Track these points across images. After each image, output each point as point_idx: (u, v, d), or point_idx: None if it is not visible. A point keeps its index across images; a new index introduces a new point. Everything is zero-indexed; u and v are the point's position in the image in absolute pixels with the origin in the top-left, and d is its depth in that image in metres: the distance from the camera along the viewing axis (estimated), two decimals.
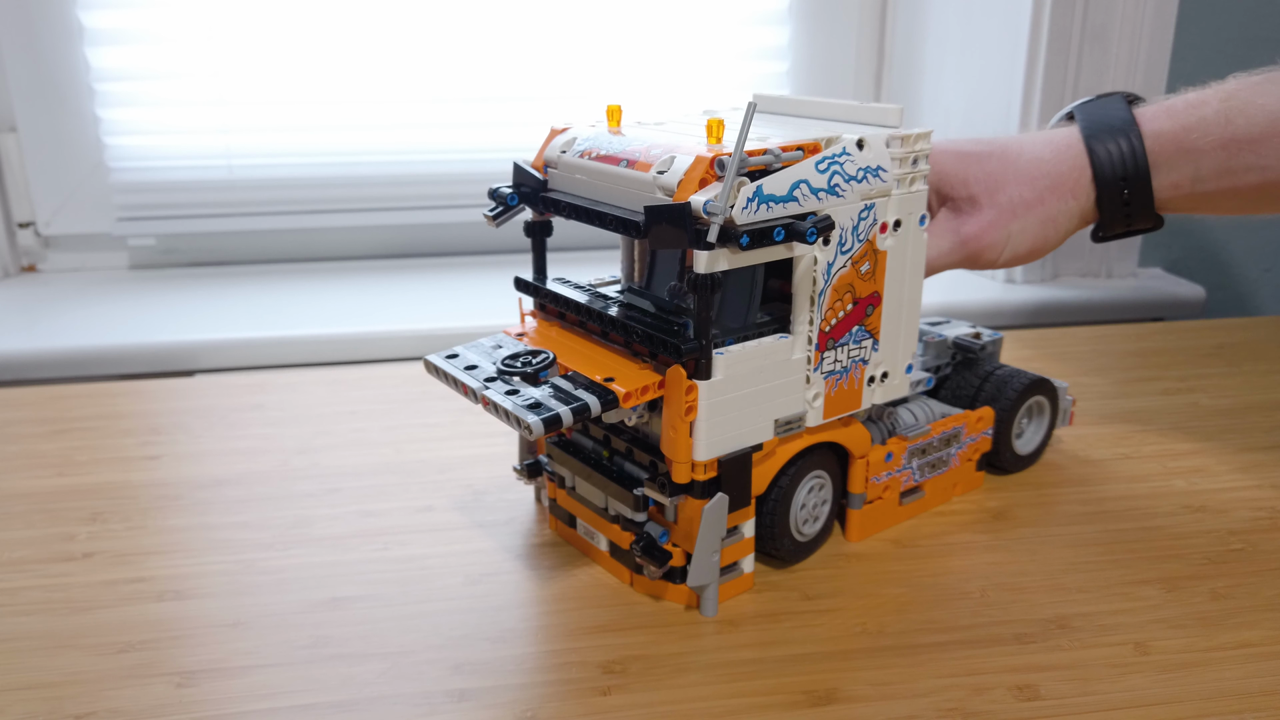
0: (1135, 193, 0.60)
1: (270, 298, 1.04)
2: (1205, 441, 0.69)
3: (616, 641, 0.48)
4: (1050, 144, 0.62)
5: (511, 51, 1.10)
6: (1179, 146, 0.60)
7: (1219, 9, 1.10)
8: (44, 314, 0.99)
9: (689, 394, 0.46)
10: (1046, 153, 0.62)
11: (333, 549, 0.56)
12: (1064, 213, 0.62)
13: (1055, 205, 0.61)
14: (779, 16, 1.15)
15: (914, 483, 0.58)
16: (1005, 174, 0.61)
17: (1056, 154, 0.61)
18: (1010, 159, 0.62)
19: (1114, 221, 0.62)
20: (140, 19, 1.04)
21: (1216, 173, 0.60)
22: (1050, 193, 0.61)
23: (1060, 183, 0.61)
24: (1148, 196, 0.61)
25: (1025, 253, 0.62)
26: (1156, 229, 0.63)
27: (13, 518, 0.60)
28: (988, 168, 0.62)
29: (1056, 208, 0.61)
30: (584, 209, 0.49)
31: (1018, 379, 0.63)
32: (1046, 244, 0.62)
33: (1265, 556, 0.55)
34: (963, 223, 0.62)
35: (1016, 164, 0.61)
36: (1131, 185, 0.60)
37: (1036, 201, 0.61)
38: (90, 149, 1.08)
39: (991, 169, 0.61)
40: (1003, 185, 0.61)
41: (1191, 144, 0.59)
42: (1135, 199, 0.61)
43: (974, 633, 0.48)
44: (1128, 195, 0.60)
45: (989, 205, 0.61)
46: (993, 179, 0.61)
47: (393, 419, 0.74)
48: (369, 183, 1.12)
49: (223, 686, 0.45)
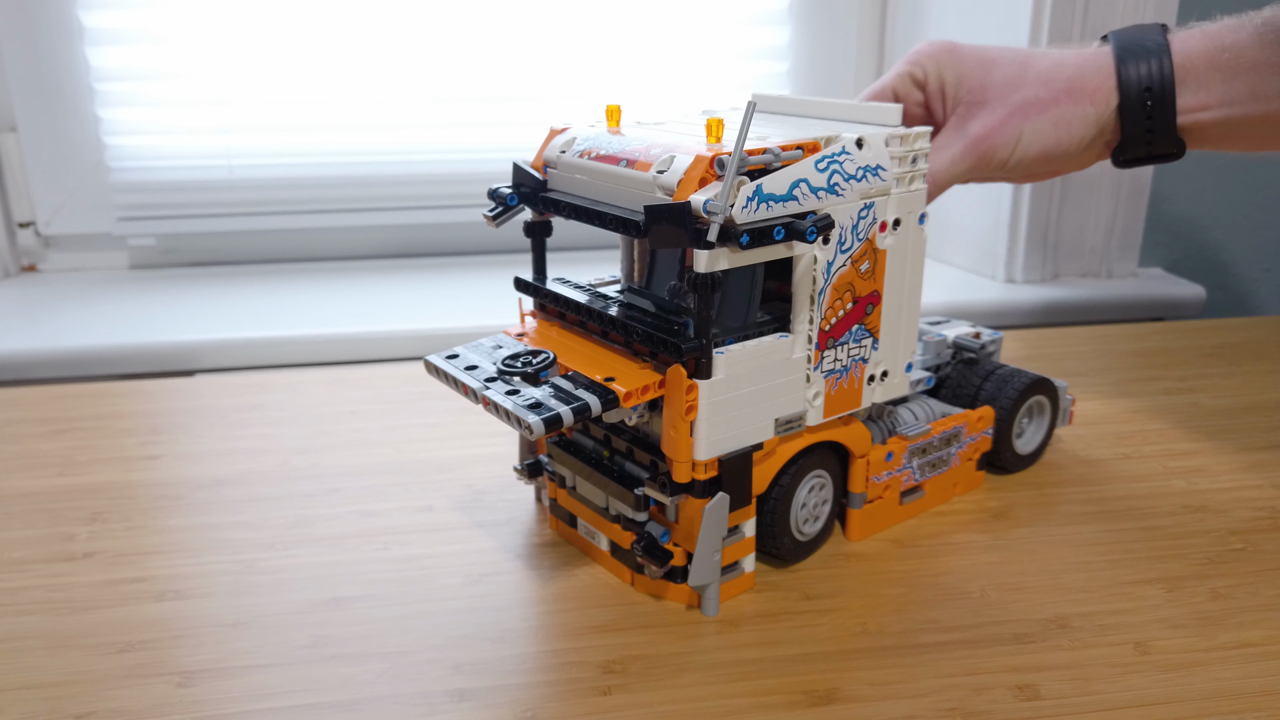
0: (1159, 106, 0.58)
1: (270, 298, 1.04)
2: (1205, 441, 0.69)
3: (617, 641, 0.48)
4: (1077, 54, 0.60)
5: (511, 51, 1.10)
6: (1210, 64, 0.57)
7: (1219, 9, 1.10)
8: (44, 314, 0.99)
9: (689, 393, 0.46)
10: (1070, 59, 0.60)
11: (333, 549, 0.56)
12: (1079, 117, 0.59)
13: (1071, 108, 0.59)
14: (779, 16, 1.15)
15: (914, 482, 0.58)
16: (1023, 76, 0.59)
17: (1081, 61, 0.59)
18: (1030, 63, 0.60)
19: (1135, 140, 0.60)
20: (140, 19, 1.04)
21: (1247, 95, 0.57)
22: (1066, 95, 0.59)
23: (1079, 86, 0.59)
24: (1171, 113, 0.58)
25: (1036, 154, 0.60)
26: (1178, 157, 0.60)
27: (13, 517, 0.60)
28: (1007, 72, 0.60)
29: (1072, 111, 0.59)
30: (584, 209, 0.49)
31: (1018, 379, 0.63)
32: (1059, 147, 0.60)
33: (1265, 556, 0.55)
34: (971, 123, 0.60)
35: (1036, 66, 0.59)
36: (1156, 97, 0.58)
37: (1051, 101, 0.59)
38: (90, 149, 1.08)
39: (1010, 73, 0.59)
40: (1018, 86, 0.59)
41: (1224, 63, 0.57)
42: (1158, 113, 0.58)
43: (974, 633, 0.48)
44: (1150, 107, 0.58)
45: (1001, 105, 0.59)
46: (1009, 81, 0.59)
47: (393, 419, 0.74)
48: (369, 183, 1.12)
49: (223, 686, 0.45)
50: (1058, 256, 1.08)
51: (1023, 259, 1.07)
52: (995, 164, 0.60)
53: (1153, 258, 1.17)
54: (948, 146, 0.60)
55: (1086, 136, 0.60)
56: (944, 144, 0.60)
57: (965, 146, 0.59)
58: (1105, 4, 0.97)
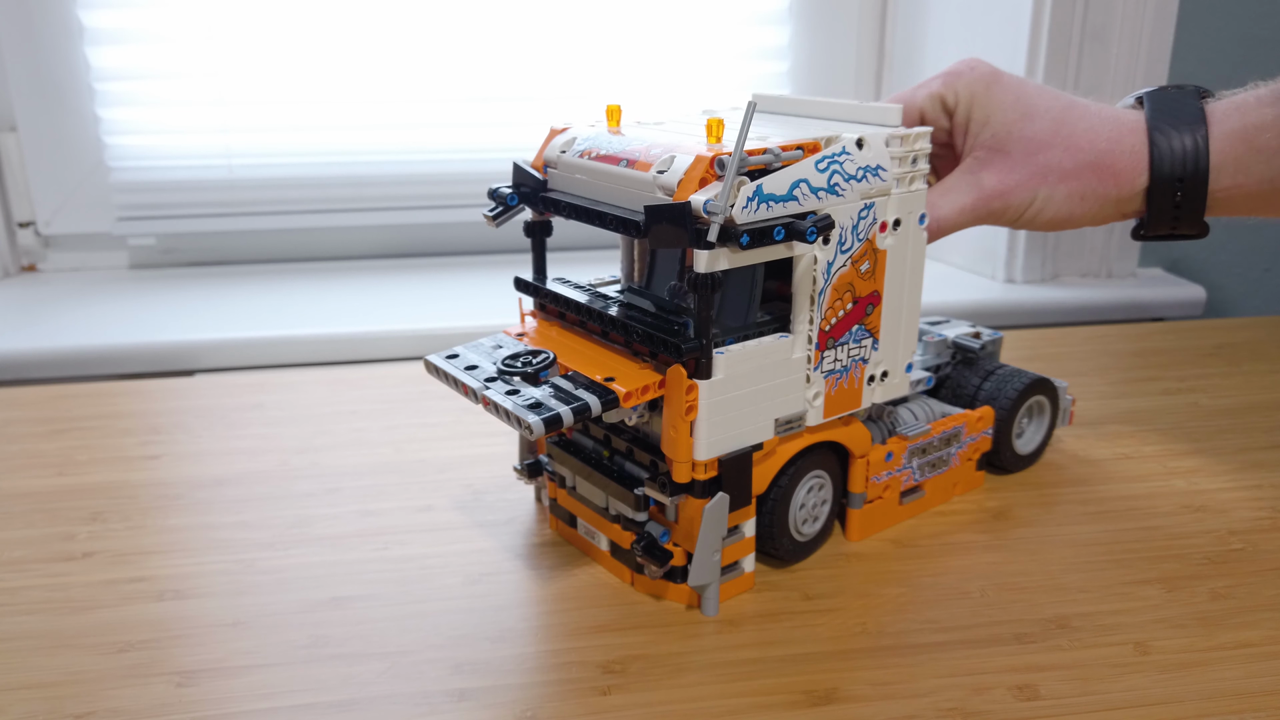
0: (1189, 195, 0.56)
1: (270, 298, 1.04)
2: (1205, 441, 0.69)
3: (617, 641, 0.48)
4: (1113, 123, 0.58)
5: (511, 51, 1.10)
6: (1249, 146, 0.56)
7: (1219, 9, 1.10)
8: (44, 314, 0.99)
9: (689, 393, 0.46)
10: (1104, 130, 0.57)
11: (333, 549, 0.56)
12: (1100, 196, 0.57)
13: (1094, 184, 0.57)
14: (779, 16, 1.15)
15: (914, 482, 0.58)
16: (1054, 137, 0.57)
17: (1115, 135, 0.57)
18: (1065, 123, 0.57)
19: (1160, 221, 0.58)
20: (140, 19, 1.04)
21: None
22: (1092, 170, 0.57)
23: (1108, 164, 0.57)
24: (1201, 201, 0.57)
25: (1048, 220, 0.58)
26: (1199, 238, 0.59)
27: (13, 517, 0.60)
28: (1039, 128, 0.57)
29: (1094, 188, 0.57)
30: (584, 209, 0.49)
31: (1018, 379, 0.63)
32: (1071, 220, 0.58)
33: (1265, 556, 0.55)
34: (987, 173, 0.57)
35: (1069, 129, 0.57)
36: (1187, 187, 0.56)
37: (1074, 174, 0.57)
38: (90, 148, 1.08)
39: (1042, 129, 0.57)
40: (1046, 147, 0.57)
41: (1263, 144, 0.55)
42: (1187, 202, 0.57)
43: (974, 633, 0.48)
44: (1180, 198, 0.57)
45: (1023, 164, 0.57)
46: (1037, 139, 0.57)
47: (393, 419, 0.74)
48: (369, 183, 1.12)
49: (223, 686, 0.45)
50: (1058, 256, 1.08)
51: (1023, 259, 1.07)
52: (1005, 220, 0.58)
53: (1153, 258, 1.17)
54: (958, 191, 0.58)
55: (1103, 215, 0.59)
56: (954, 187, 0.58)
57: (977, 200, 0.57)
58: (1105, 4, 0.97)
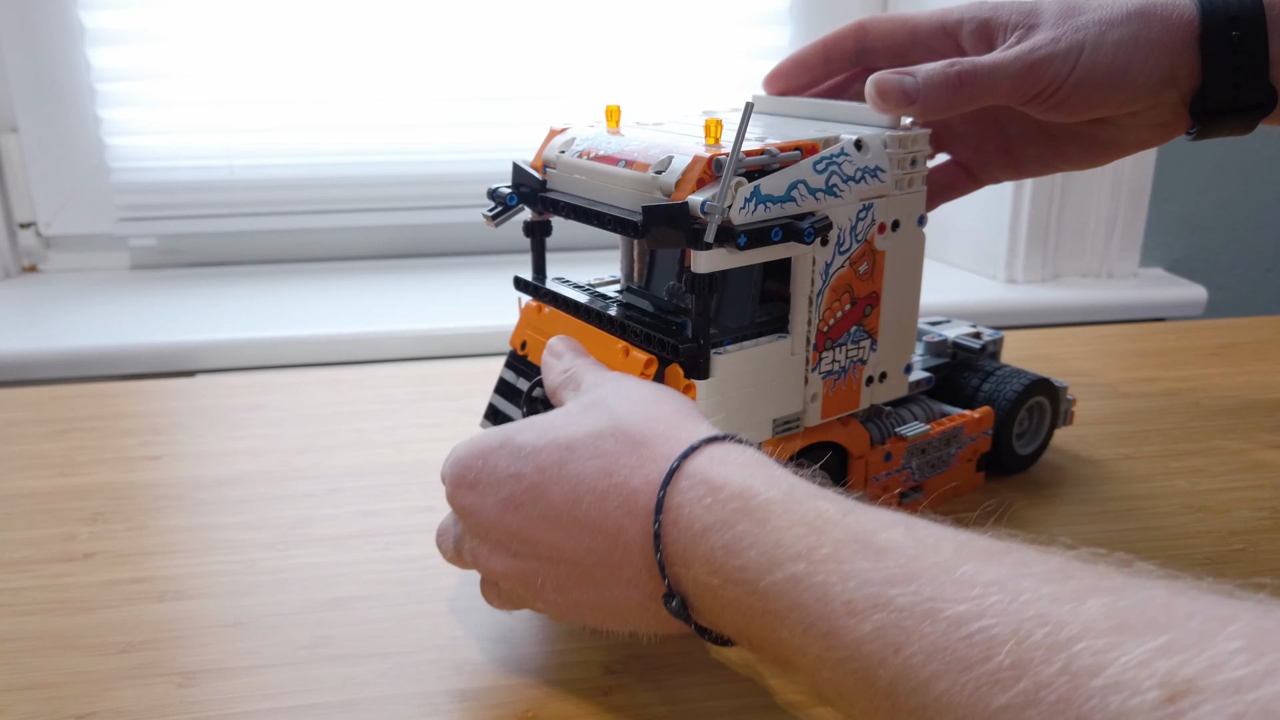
0: (1247, 37, 0.49)
1: (270, 298, 1.04)
2: (1207, 442, 0.69)
3: (617, 641, 0.48)
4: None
5: (511, 51, 1.10)
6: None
7: None
8: (45, 314, 0.99)
9: (687, 393, 0.46)
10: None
11: (334, 549, 0.56)
12: (1151, 42, 0.50)
13: (1142, 29, 0.50)
14: (779, 16, 1.15)
15: (913, 483, 0.58)
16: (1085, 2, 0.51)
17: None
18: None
19: (1219, 83, 0.50)
20: (140, 19, 1.04)
21: None
22: (1139, 17, 0.50)
23: (1153, 10, 0.50)
24: (1262, 45, 0.50)
25: (1103, 75, 0.50)
26: (1268, 110, 0.52)
27: (14, 518, 0.60)
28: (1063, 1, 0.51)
29: (1143, 32, 0.50)
30: (583, 209, 0.49)
31: (1018, 379, 0.63)
32: (1127, 74, 0.50)
33: (1266, 557, 0.55)
34: (1024, 41, 0.50)
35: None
36: (1242, 26, 0.49)
37: (1122, 20, 0.50)
38: (91, 149, 1.08)
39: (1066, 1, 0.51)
40: (1080, 10, 0.51)
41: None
42: (1246, 48, 0.49)
43: None
44: (1237, 39, 0.49)
45: (1058, 24, 0.50)
46: (1065, 6, 0.51)
47: (393, 419, 0.74)
48: (369, 183, 1.12)
49: (224, 687, 0.45)
50: (1058, 256, 1.08)
51: (1023, 259, 1.07)
52: (1049, 80, 0.50)
53: (1153, 258, 1.17)
54: (998, 51, 0.51)
55: (1158, 69, 0.51)
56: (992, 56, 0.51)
57: (1019, 52, 0.50)
58: None
